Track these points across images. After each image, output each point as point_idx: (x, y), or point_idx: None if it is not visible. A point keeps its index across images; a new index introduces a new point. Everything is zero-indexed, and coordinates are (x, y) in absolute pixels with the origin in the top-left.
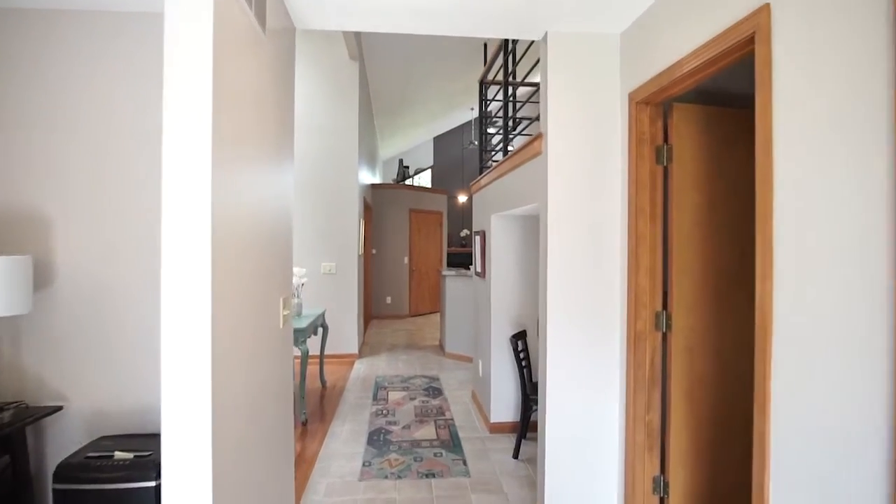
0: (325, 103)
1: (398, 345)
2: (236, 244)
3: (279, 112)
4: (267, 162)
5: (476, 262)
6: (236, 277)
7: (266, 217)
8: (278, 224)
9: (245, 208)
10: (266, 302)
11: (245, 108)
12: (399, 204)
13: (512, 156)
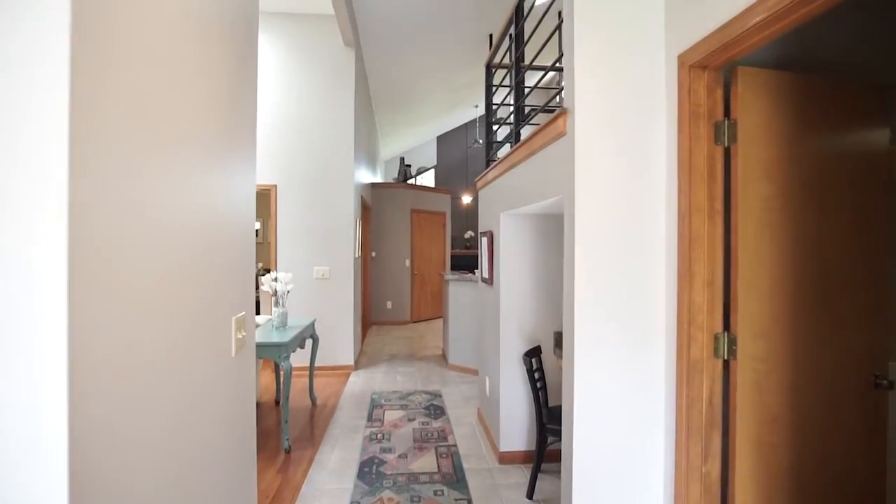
0: (317, 93)
1: (398, 355)
2: (141, 258)
3: (231, 89)
4: (210, 153)
5: (482, 266)
6: (137, 300)
7: (208, 223)
8: (230, 232)
9: (161, 212)
10: (208, 325)
11: (160, 76)
12: (400, 204)
13: (527, 140)
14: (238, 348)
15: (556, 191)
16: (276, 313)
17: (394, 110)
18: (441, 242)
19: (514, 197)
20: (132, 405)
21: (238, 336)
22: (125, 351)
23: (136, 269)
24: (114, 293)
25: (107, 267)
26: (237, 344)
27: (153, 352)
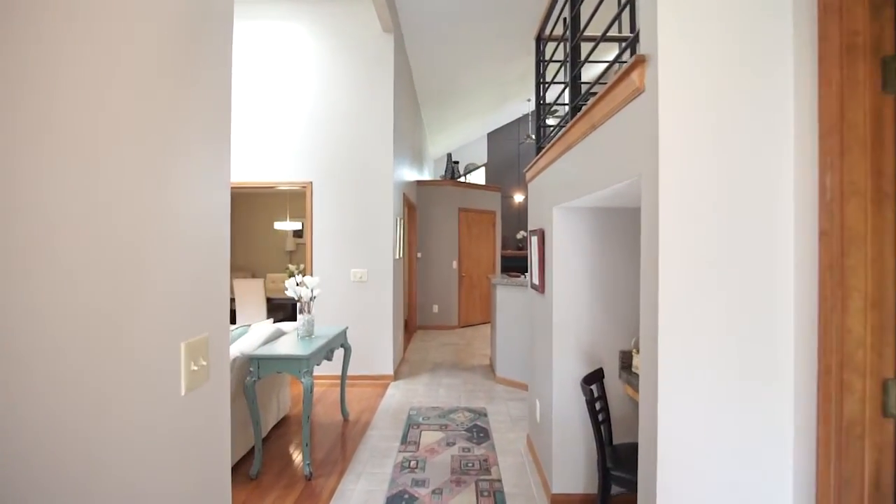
0: (354, 83)
1: (442, 363)
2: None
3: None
4: (159, 135)
5: (532, 271)
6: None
7: (148, 224)
8: (181, 236)
9: (60, 211)
10: (140, 358)
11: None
12: (447, 202)
13: (587, 111)
14: (193, 384)
15: (628, 172)
16: (302, 321)
17: (441, 106)
18: (490, 243)
19: (570, 186)
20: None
21: (193, 367)
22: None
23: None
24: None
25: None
26: (190, 378)
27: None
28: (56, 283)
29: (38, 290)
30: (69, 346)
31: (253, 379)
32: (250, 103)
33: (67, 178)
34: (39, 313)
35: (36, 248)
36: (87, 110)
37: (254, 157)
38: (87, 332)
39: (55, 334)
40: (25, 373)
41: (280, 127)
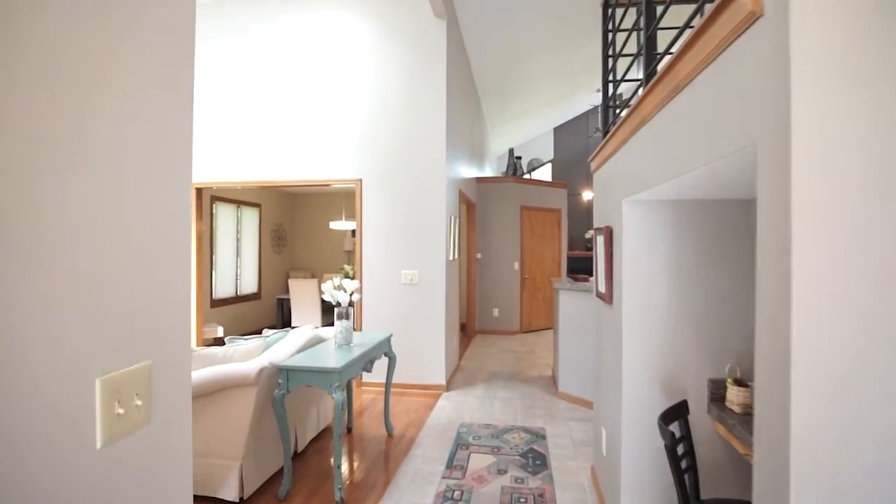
0: (403, 74)
1: (500, 373)
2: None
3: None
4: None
5: (597, 276)
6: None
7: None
8: (117, 239)
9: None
10: (20, 403)
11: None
12: (508, 200)
13: (669, 68)
14: (118, 431)
15: (733, 141)
16: (340, 328)
17: (503, 99)
18: (555, 243)
19: (644, 173)
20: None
21: (117, 410)
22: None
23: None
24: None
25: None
26: (111, 425)
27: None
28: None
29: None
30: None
31: (282, 392)
32: (298, 98)
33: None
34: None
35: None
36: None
37: (303, 154)
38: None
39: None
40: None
41: (329, 122)
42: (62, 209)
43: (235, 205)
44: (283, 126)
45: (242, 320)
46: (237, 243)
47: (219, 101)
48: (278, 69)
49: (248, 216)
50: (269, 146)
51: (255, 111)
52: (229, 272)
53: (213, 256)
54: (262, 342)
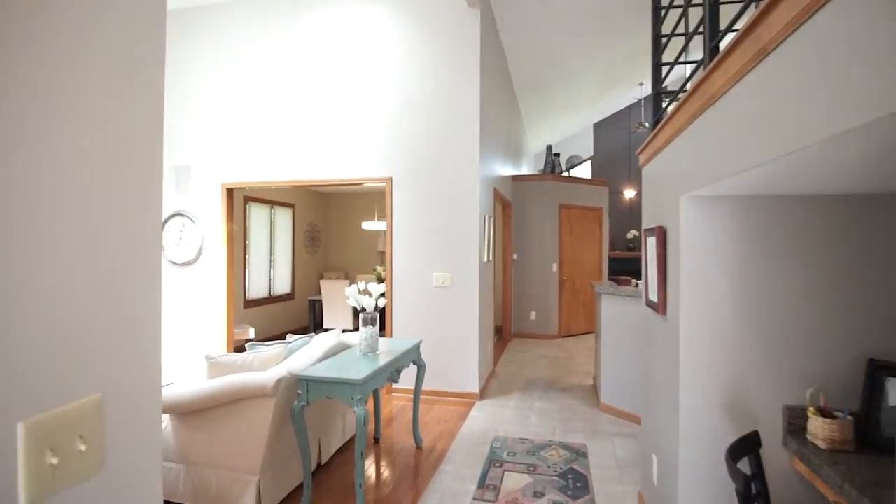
0: (434, 68)
1: (537, 381)
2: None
3: None
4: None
5: (648, 282)
6: None
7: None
8: (51, 244)
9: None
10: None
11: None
12: (546, 199)
13: (757, 20)
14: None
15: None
16: (364, 335)
17: (540, 94)
18: (596, 244)
19: (712, 162)
20: None
21: (50, 460)
22: None
23: None
24: None
25: None
26: (41, 479)
27: None
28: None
29: None
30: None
31: (301, 404)
32: (328, 96)
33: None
34: None
35: None
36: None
37: (333, 152)
38: None
39: None
40: None
41: (358, 120)
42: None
43: (269, 205)
44: (313, 125)
45: (275, 321)
46: (271, 244)
47: (250, 101)
48: (308, 67)
49: (282, 216)
50: (300, 145)
51: (285, 110)
52: (263, 273)
53: (246, 257)
54: (284, 349)
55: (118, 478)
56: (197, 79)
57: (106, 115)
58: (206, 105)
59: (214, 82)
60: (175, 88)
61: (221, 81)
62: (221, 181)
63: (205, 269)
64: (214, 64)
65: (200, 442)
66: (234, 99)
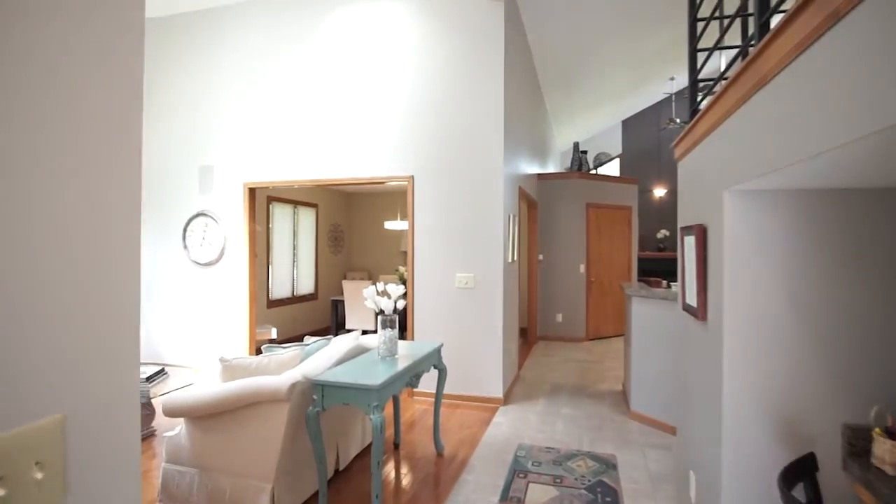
0: (457, 63)
1: (563, 386)
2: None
3: None
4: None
5: (685, 286)
6: None
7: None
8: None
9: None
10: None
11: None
12: (573, 197)
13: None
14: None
15: None
16: (383, 338)
17: (567, 91)
18: (625, 243)
19: (765, 150)
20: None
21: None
22: None
23: None
24: None
25: None
26: None
27: None
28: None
29: None
30: None
31: (316, 409)
32: (349, 94)
33: None
34: None
35: None
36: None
37: (354, 151)
38: None
39: None
40: None
41: (379, 117)
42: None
43: (292, 205)
44: (334, 123)
45: (298, 321)
46: (294, 244)
47: (272, 101)
48: (329, 66)
49: (305, 216)
50: (321, 144)
51: (307, 109)
52: (286, 273)
53: (269, 257)
54: (301, 352)
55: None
56: (220, 80)
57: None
58: (228, 105)
59: (237, 82)
60: (199, 90)
61: (244, 81)
62: (243, 181)
63: (227, 269)
64: (236, 64)
65: (214, 447)
66: (257, 98)
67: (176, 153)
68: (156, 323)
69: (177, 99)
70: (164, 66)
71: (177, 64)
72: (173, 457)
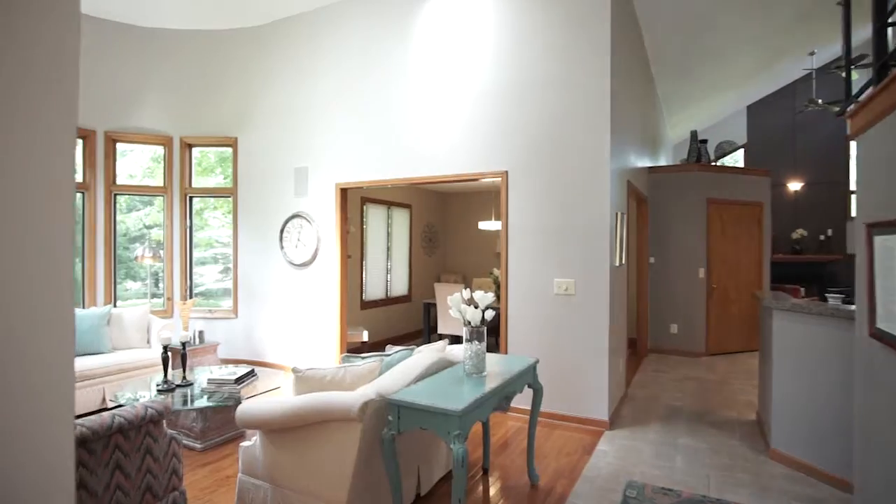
0: (553, 48)
1: (681, 410)
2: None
3: None
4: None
5: (874, 303)
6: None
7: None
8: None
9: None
10: None
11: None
12: (691, 192)
13: None
14: None
15: None
16: (469, 353)
17: (682, 75)
18: (755, 245)
19: None
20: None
21: None
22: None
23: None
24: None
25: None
26: None
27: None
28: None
29: None
30: None
31: (391, 432)
32: (437, 87)
33: None
34: None
35: None
36: None
37: (445, 147)
38: None
39: None
40: None
41: (470, 109)
42: None
43: (386, 206)
44: (425, 119)
45: (391, 323)
46: (388, 244)
47: (363, 100)
48: (419, 60)
49: (399, 217)
50: (413, 142)
51: (397, 107)
52: (380, 274)
53: (363, 258)
54: (379, 363)
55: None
56: (314, 82)
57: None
58: (323, 106)
59: (330, 83)
60: (294, 94)
61: (336, 82)
62: (335, 181)
63: (321, 271)
64: (330, 65)
65: (286, 463)
66: (348, 98)
67: (273, 156)
68: (257, 322)
69: (275, 104)
70: (263, 75)
71: (275, 71)
72: (248, 468)
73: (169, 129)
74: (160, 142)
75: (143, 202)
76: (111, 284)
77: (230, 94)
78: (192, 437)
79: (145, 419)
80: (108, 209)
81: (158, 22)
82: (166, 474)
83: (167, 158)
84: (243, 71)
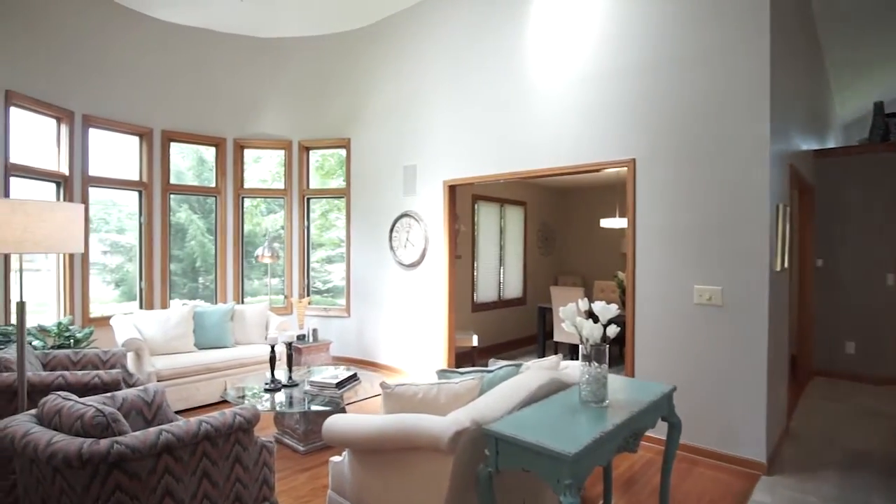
0: (692, 9)
1: (870, 455)
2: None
3: None
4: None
5: None
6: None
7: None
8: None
9: None
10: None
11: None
12: (874, 179)
13: None
14: None
15: None
16: (586, 376)
17: (858, 39)
18: None
19: None
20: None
21: None
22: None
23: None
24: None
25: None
26: None
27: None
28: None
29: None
30: None
31: (489, 469)
32: (550, 69)
33: None
34: None
35: None
36: None
37: (561, 135)
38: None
39: None
40: None
41: (588, 88)
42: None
43: (498, 203)
44: (537, 106)
45: (504, 328)
46: (501, 244)
47: (472, 92)
48: (529, 43)
49: (513, 215)
50: (525, 133)
51: (508, 97)
52: (492, 275)
53: (474, 259)
54: (479, 381)
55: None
56: (423, 79)
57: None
58: (431, 102)
59: (439, 78)
60: (404, 92)
61: (445, 76)
62: (443, 178)
63: (429, 271)
64: (439, 59)
65: (373, 486)
66: (457, 91)
67: (383, 155)
68: (368, 322)
69: (384, 102)
70: (372, 74)
71: (385, 70)
72: (337, 485)
73: (288, 134)
74: (281, 146)
75: (279, 205)
76: (239, 282)
77: (342, 95)
78: (295, 439)
79: (233, 427)
80: (236, 211)
81: (273, 32)
82: (256, 484)
83: (287, 162)
84: (354, 72)
